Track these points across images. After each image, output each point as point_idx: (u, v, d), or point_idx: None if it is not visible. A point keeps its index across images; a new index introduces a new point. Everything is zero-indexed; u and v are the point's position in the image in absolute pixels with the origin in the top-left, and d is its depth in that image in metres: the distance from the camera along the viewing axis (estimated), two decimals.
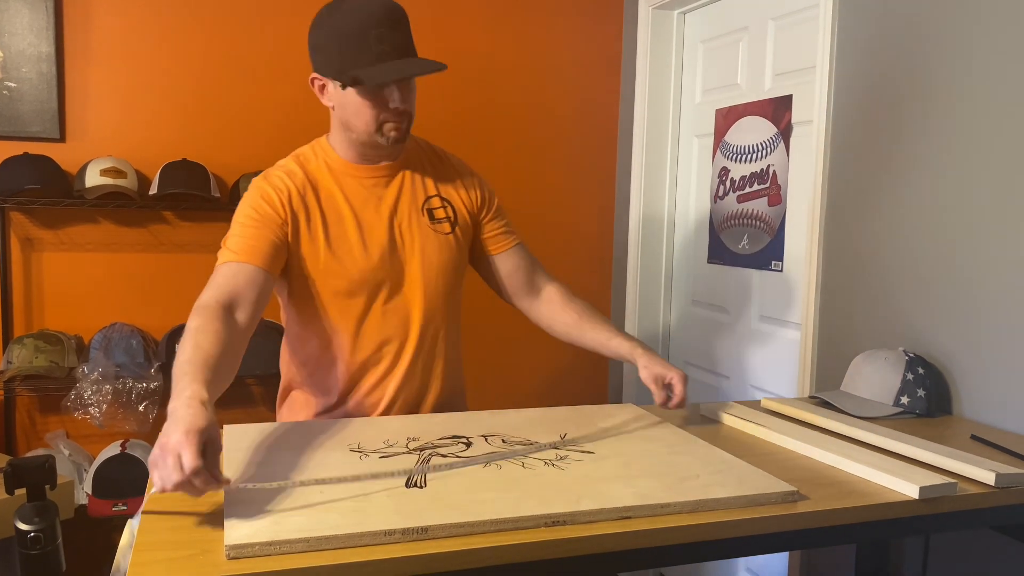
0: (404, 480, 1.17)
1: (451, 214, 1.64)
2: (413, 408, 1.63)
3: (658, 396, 1.54)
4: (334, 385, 1.61)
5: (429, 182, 1.63)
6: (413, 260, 1.58)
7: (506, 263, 1.72)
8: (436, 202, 1.63)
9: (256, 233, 1.47)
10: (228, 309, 1.35)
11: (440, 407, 1.66)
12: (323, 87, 1.52)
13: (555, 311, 1.72)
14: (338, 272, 1.54)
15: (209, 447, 1.03)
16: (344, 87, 1.46)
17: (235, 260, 1.44)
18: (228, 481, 1.05)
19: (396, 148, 1.57)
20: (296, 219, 1.51)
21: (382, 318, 1.58)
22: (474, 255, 1.72)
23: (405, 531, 1.00)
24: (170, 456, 0.99)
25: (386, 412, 1.61)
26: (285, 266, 1.53)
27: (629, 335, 1.65)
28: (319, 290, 1.55)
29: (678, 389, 1.53)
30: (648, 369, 1.55)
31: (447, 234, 1.63)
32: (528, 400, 3.08)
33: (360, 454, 1.30)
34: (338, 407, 1.62)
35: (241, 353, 1.34)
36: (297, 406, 1.66)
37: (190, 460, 0.98)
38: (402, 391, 1.61)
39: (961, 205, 1.77)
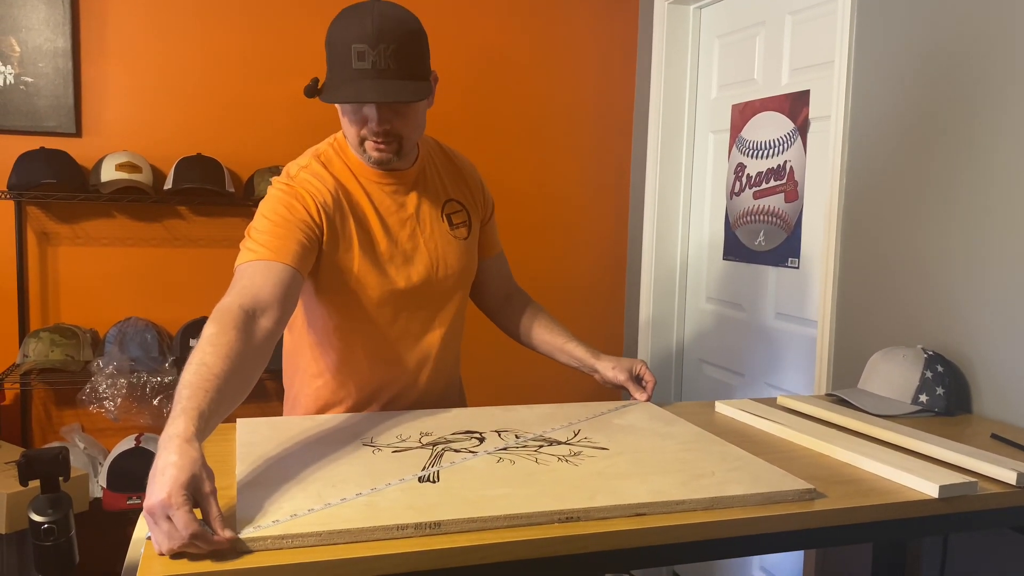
0: (417, 475, 1.17)
1: (467, 218, 1.63)
2: (413, 403, 1.62)
3: (637, 390, 1.65)
4: (351, 394, 1.58)
5: (446, 186, 1.61)
6: (437, 268, 1.57)
7: (490, 268, 1.74)
8: (454, 206, 1.61)
9: (286, 232, 1.36)
10: (251, 314, 1.23)
11: (441, 404, 1.66)
12: None
13: (520, 316, 1.77)
14: (370, 282, 1.49)
15: (200, 498, 0.93)
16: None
17: (262, 258, 1.32)
18: (232, 537, 0.93)
19: (403, 160, 1.50)
20: (333, 227, 1.44)
21: (407, 327, 1.56)
22: None
23: (418, 526, 0.99)
24: (162, 522, 0.90)
25: (390, 406, 1.60)
26: (312, 272, 1.46)
27: (583, 342, 1.72)
28: (351, 300, 1.50)
29: (650, 376, 1.66)
30: (618, 367, 1.65)
31: (464, 239, 1.62)
32: (541, 396, 3.07)
33: (373, 448, 1.29)
34: (337, 401, 1.59)
35: (262, 363, 1.23)
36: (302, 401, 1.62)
37: (185, 525, 0.89)
38: (423, 398, 1.61)
39: (981, 201, 1.74)
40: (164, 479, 0.92)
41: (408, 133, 1.43)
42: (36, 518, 1.08)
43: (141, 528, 1.07)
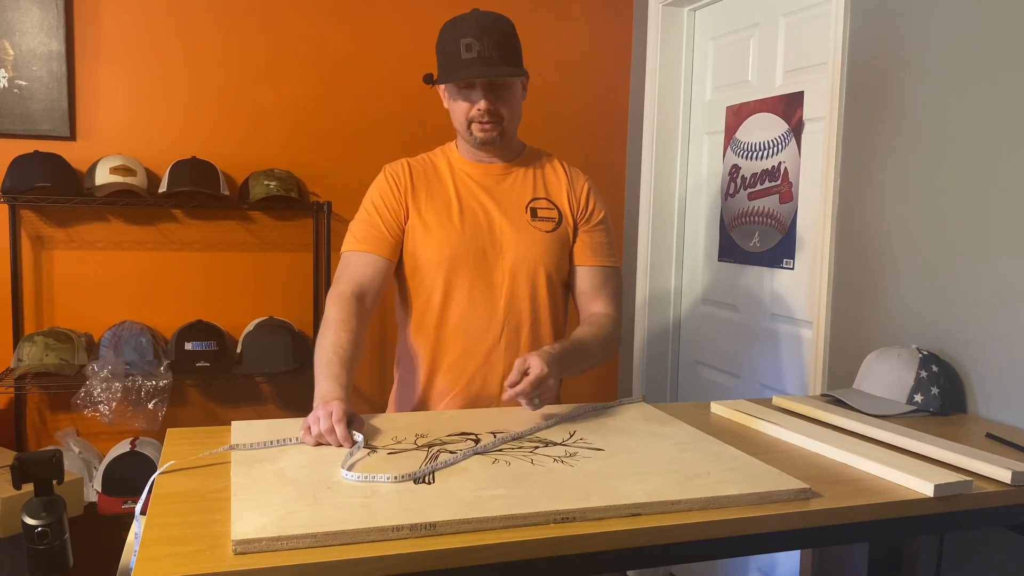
0: (413, 476, 1.16)
1: (556, 216, 1.71)
2: (492, 393, 1.67)
3: (512, 376, 1.44)
4: (419, 364, 1.69)
5: (539, 185, 1.73)
6: (503, 249, 1.66)
7: (580, 277, 1.75)
8: (543, 203, 1.71)
9: (379, 222, 1.66)
10: (359, 299, 1.60)
11: None
12: (443, 92, 1.68)
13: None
14: (429, 243, 1.65)
15: (354, 419, 1.37)
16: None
17: (364, 250, 1.65)
18: (355, 443, 1.29)
19: (505, 148, 1.69)
20: (412, 193, 1.68)
21: (468, 299, 1.65)
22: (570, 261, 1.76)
23: (413, 527, 0.99)
24: (322, 413, 1.32)
25: (462, 394, 1.66)
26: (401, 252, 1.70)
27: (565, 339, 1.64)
28: (413, 261, 1.67)
29: (534, 369, 1.43)
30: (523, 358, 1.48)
31: (548, 232, 1.69)
32: None
33: (368, 450, 1.29)
34: (417, 385, 1.70)
35: (366, 333, 1.60)
36: (399, 385, 1.79)
37: (338, 414, 1.31)
38: (479, 374, 1.66)
39: (974, 201, 1.75)
40: (334, 404, 1.35)
41: (508, 115, 1.64)
42: (29, 521, 1.08)
43: (134, 531, 1.07)
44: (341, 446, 1.30)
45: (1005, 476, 1.25)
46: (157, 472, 1.16)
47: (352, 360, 1.50)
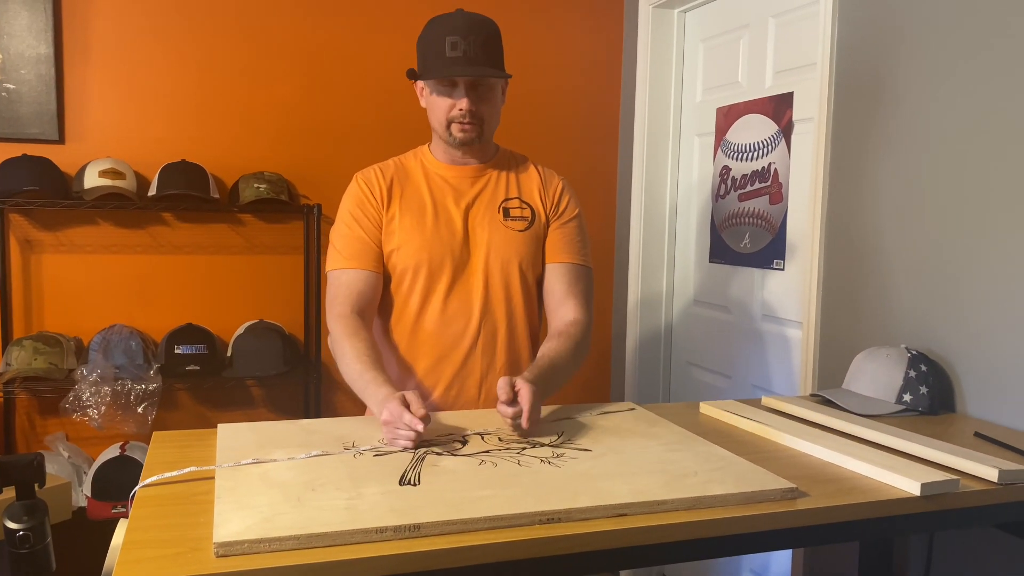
0: (398, 477, 1.16)
1: (529, 215, 1.71)
2: (470, 397, 1.66)
3: (503, 394, 1.37)
4: (392, 370, 1.66)
5: (512, 186, 1.73)
6: (478, 250, 1.66)
7: (550, 276, 1.73)
8: (515, 203, 1.71)
9: (361, 235, 1.64)
10: (360, 314, 1.60)
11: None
12: (421, 89, 1.68)
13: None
14: (405, 248, 1.64)
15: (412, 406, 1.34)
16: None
17: (350, 267, 1.63)
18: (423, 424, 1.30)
19: (480, 151, 1.69)
20: (386, 198, 1.67)
21: (444, 304, 1.65)
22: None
23: (397, 528, 0.99)
24: (391, 419, 1.31)
25: (439, 400, 1.65)
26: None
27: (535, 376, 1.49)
28: (391, 265, 1.65)
29: (525, 395, 1.37)
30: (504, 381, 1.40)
31: (519, 231, 1.69)
32: None
33: (354, 452, 1.28)
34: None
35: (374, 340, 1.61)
36: None
37: (415, 415, 1.30)
38: (456, 379, 1.66)
39: (963, 201, 1.75)
40: (392, 399, 1.34)
41: (488, 117, 1.63)
42: (11, 525, 1.07)
43: (119, 535, 1.06)
44: (418, 432, 1.30)
45: (992, 475, 1.25)
46: (138, 486, 1.15)
47: (379, 360, 1.52)
